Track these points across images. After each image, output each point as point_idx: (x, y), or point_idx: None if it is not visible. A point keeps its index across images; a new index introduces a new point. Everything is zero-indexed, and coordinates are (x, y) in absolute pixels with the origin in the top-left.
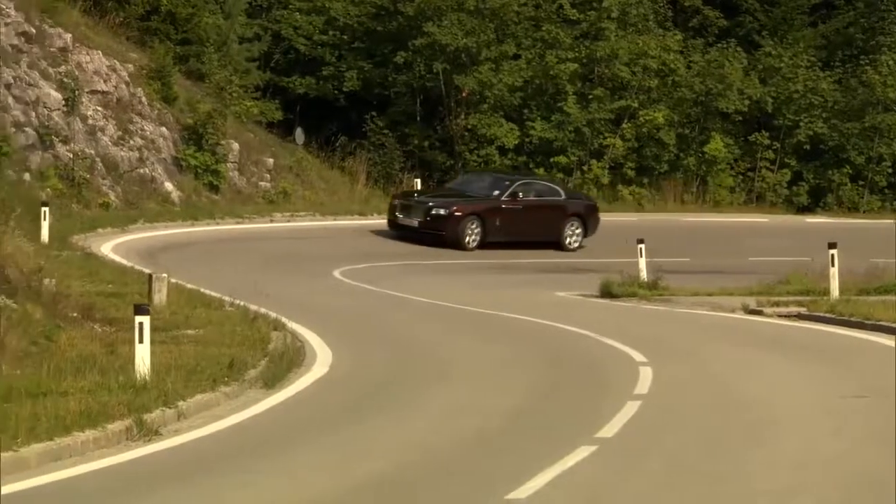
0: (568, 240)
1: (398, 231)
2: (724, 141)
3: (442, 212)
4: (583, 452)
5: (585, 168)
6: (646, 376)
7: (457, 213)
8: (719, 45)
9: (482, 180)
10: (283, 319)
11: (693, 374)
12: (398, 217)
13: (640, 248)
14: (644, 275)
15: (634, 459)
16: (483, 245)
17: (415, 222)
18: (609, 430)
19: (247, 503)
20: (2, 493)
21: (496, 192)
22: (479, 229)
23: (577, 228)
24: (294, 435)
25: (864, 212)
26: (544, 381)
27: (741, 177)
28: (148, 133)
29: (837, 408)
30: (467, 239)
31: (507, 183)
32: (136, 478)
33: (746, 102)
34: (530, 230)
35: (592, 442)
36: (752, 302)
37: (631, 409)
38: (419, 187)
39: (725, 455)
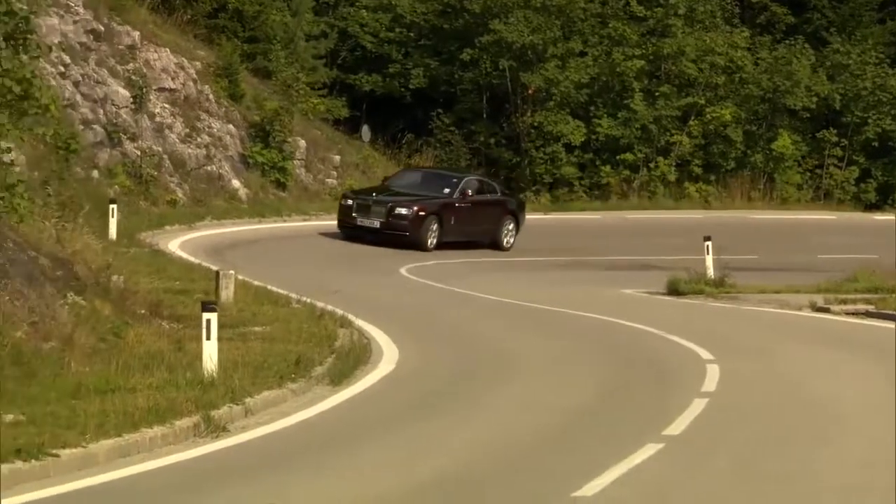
0: (504, 238)
1: (352, 232)
2: (791, 138)
3: (404, 211)
4: (650, 450)
5: (652, 165)
6: (713, 374)
7: (420, 213)
8: (787, 41)
9: (427, 177)
10: (350, 316)
11: (760, 372)
12: (355, 217)
13: (707, 246)
14: (711, 272)
15: (701, 457)
16: (439, 245)
17: (375, 223)
18: (676, 428)
19: (313, 500)
20: (65, 489)
21: (447, 190)
22: (437, 229)
23: (511, 226)
24: (360, 432)
25: None
26: (610, 379)
27: (809, 174)
28: (215, 130)
29: None
30: (429, 240)
31: (455, 180)
32: (204, 474)
33: (814, 99)
34: (478, 229)
35: (659, 440)
36: (819, 300)
37: (698, 406)
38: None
39: (792, 453)
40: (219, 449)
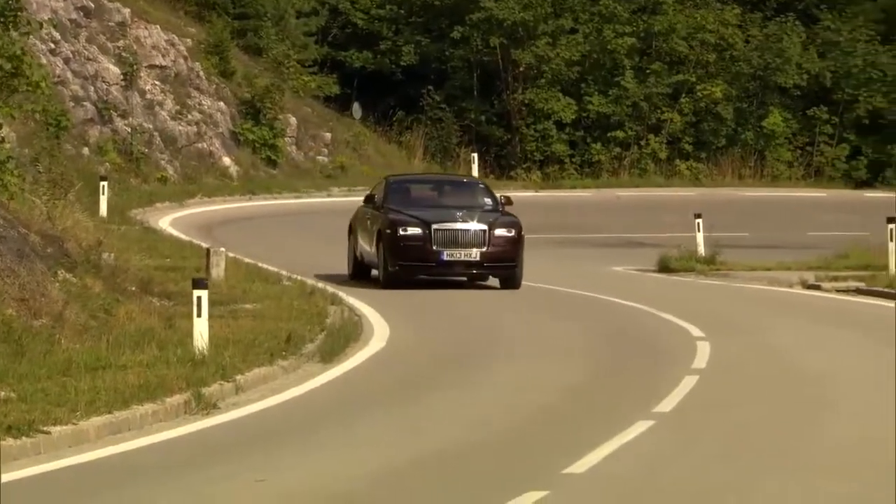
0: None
1: (430, 273)
2: (782, 115)
3: (505, 232)
4: (640, 427)
5: (643, 143)
6: (703, 351)
7: (521, 234)
8: (778, 19)
9: (441, 186)
10: (341, 294)
11: (750, 349)
12: (437, 252)
13: (698, 223)
14: (701, 249)
15: (692, 434)
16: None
17: (474, 254)
18: (667, 405)
19: (304, 476)
20: (56, 466)
21: (487, 200)
22: None
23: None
24: (351, 409)
25: None
26: (602, 356)
27: (799, 151)
28: (206, 108)
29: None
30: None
31: (482, 186)
32: (195, 451)
33: (805, 77)
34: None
35: (650, 417)
36: (810, 277)
37: (689, 383)
38: (476, 165)
39: (783, 430)
40: (209, 426)
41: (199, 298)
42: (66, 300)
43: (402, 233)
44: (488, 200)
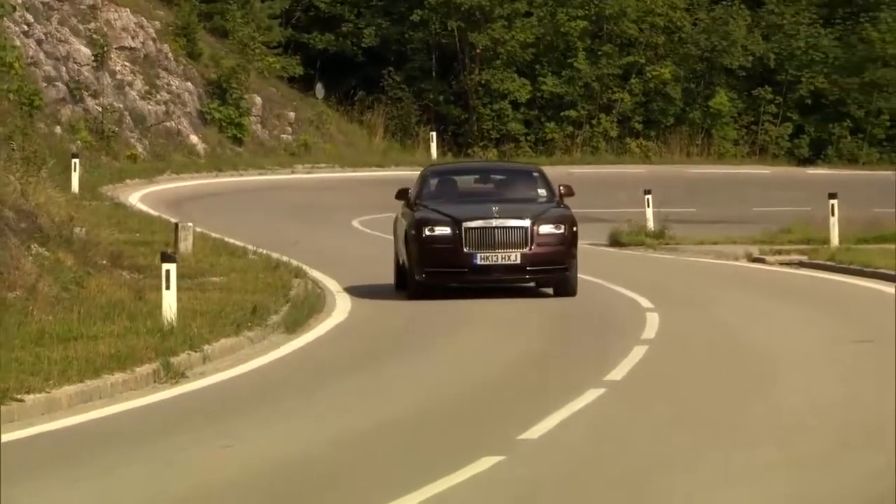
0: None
1: (462, 280)
2: (728, 96)
3: (552, 229)
4: (592, 395)
5: (594, 122)
6: (653, 322)
7: (573, 231)
8: (724, 2)
9: (489, 175)
10: (305, 267)
11: (698, 320)
12: (468, 256)
13: (648, 199)
14: (651, 224)
15: (642, 401)
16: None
17: (514, 256)
18: (617, 374)
19: (269, 442)
20: (29, 433)
21: (542, 192)
22: None
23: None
24: (315, 378)
25: (863, 164)
26: (555, 327)
27: (745, 130)
28: (174, 88)
29: (838, 352)
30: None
31: (535, 174)
32: (164, 418)
33: (750, 58)
34: None
35: (601, 385)
36: (755, 250)
37: (638, 353)
38: (435, 143)
39: (729, 398)
40: (178, 394)
41: (167, 272)
42: (39, 273)
43: (427, 233)
44: (542, 191)
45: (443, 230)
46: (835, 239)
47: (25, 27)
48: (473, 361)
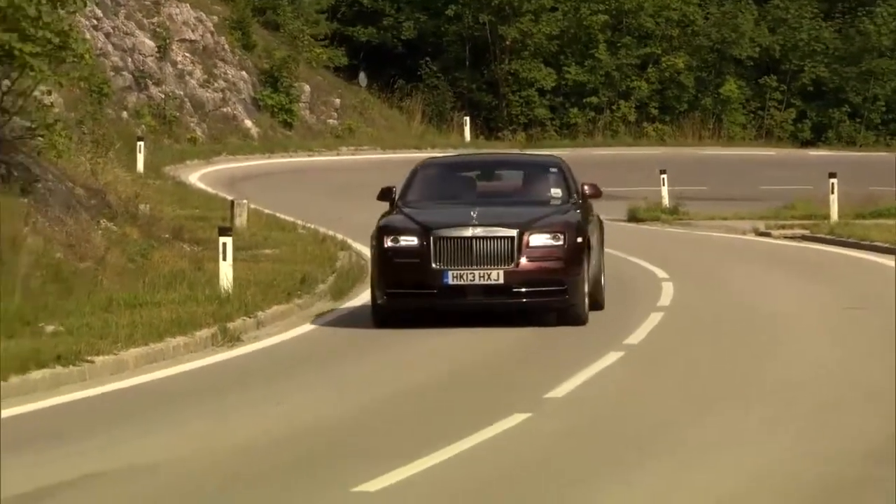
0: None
1: (432, 304)
2: (737, 84)
3: (548, 240)
4: (612, 357)
5: (614, 107)
6: (668, 291)
7: (577, 241)
8: None
9: (502, 171)
10: (349, 240)
11: (709, 289)
12: (436, 271)
13: (663, 178)
14: (666, 201)
15: (657, 363)
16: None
17: (495, 274)
18: (635, 338)
19: (316, 401)
20: (99, 391)
21: (556, 192)
22: (587, 270)
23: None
24: (358, 342)
25: (860, 146)
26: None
27: (752, 115)
28: (230, 76)
29: (837, 318)
30: (586, 299)
31: (554, 169)
32: (221, 378)
33: (757, 49)
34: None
35: (621, 348)
36: (761, 225)
37: (654, 319)
38: (468, 127)
39: (738, 360)
40: (233, 356)
41: (224, 244)
42: (107, 246)
43: (389, 245)
44: (557, 191)
45: (408, 241)
46: (834, 215)
47: (95, 21)
48: (504, 329)
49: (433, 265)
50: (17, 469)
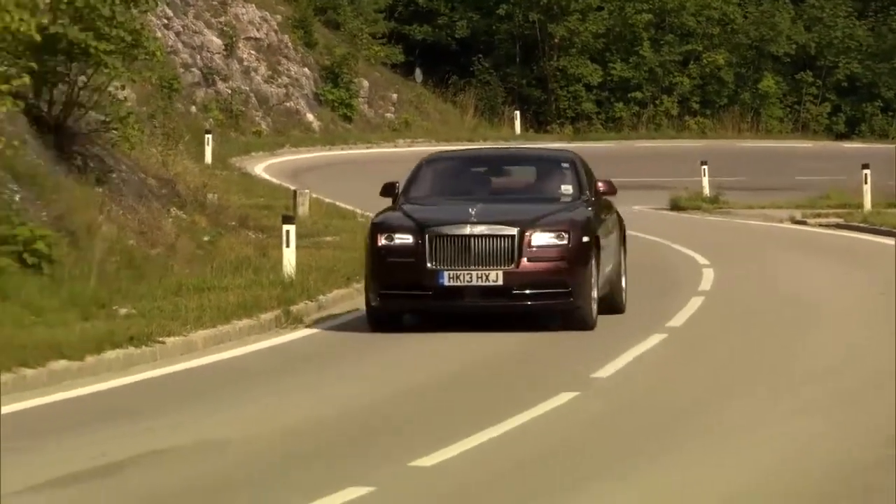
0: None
1: (426, 307)
2: (774, 79)
3: (553, 239)
4: (655, 339)
5: (657, 102)
6: (708, 276)
7: (583, 240)
8: None
9: (510, 167)
10: None
11: (747, 274)
12: (431, 271)
13: (704, 169)
14: (707, 191)
15: (698, 344)
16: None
17: (494, 276)
18: (677, 321)
19: (375, 381)
20: (169, 370)
21: (567, 188)
22: (595, 272)
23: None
24: (413, 324)
25: (892, 138)
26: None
27: (789, 109)
28: (293, 73)
29: (871, 303)
30: (594, 302)
31: (565, 164)
32: (285, 358)
33: (794, 47)
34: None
35: (663, 330)
36: (797, 214)
37: (696, 303)
38: (518, 121)
39: (775, 342)
40: (296, 338)
41: (287, 232)
42: (177, 233)
43: (383, 243)
44: (568, 187)
45: (403, 239)
46: (867, 204)
47: (165, 20)
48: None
49: (428, 265)
50: (93, 444)
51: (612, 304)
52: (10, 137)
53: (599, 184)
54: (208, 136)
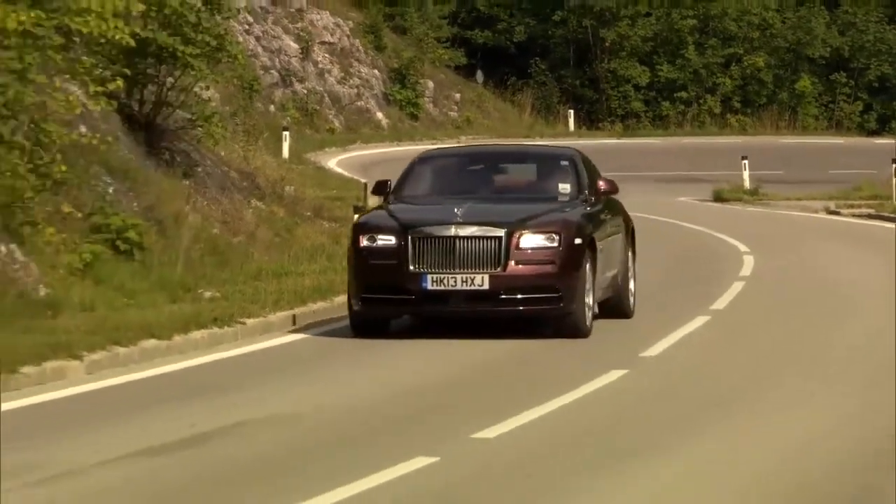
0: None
1: (409, 311)
2: (810, 80)
3: (543, 241)
4: (700, 321)
5: (701, 101)
6: (749, 263)
7: (575, 242)
8: (807, 4)
9: (507, 165)
10: None
11: (785, 261)
12: (414, 274)
13: (744, 163)
14: (747, 184)
15: (739, 326)
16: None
17: (479, 280)
18: (720, 304)
19: (427, 364)
20: (251, 349)
21: (564, 187)
22: (591, 277)
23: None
24: None
25: None
26: (671, 266)
27: (824, 108)
28: (363, 74)
29: None
30: (588, 309)
31: (565, 162)
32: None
33: (828, 50)
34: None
35: (707, 313)
36: (831, 205)
37: (737, 287)
38: (572, 119)
39: (813, 325)
40: None
41: None
42: (257, 222)
43: (365, 244)
44: (566, 186)
45: (385, 240)
46: None
47: (247, 26)
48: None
49: (411, 268)
50: (182, 417)
51: (617, 309)
52: (105, 134)
53: (601, 183)
54: (286, 133)
